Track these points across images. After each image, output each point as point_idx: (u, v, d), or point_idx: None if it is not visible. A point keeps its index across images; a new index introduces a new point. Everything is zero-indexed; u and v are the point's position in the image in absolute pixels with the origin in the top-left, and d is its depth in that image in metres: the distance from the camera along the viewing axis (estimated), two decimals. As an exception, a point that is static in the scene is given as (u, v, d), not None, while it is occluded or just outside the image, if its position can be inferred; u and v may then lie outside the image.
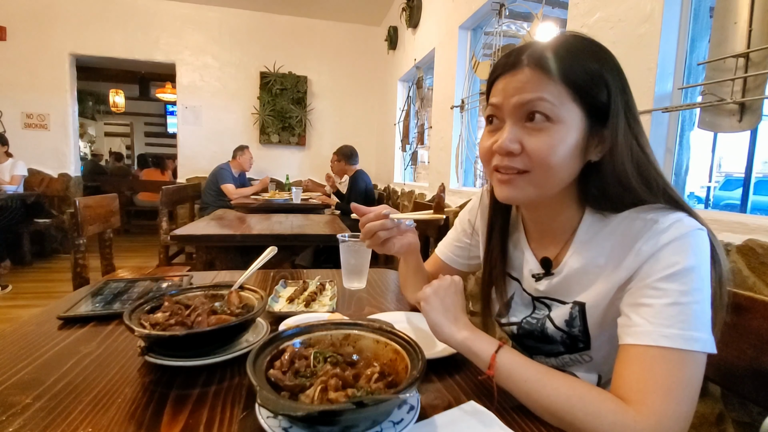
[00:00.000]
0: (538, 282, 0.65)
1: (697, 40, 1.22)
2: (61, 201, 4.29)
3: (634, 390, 0.46)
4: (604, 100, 0.53)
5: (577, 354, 0.63)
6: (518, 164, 0.55)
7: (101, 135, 9.18)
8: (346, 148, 3.82)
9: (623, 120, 0.54)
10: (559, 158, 0.53)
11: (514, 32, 2.23)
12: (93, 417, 0.47)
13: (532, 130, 0.54)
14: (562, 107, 0.52)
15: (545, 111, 0.52)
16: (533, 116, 0.53)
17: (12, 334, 0.69)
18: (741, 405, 0.94)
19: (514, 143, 0.54)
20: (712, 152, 1.98)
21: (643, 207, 0.54)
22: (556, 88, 0.52)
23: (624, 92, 0.55)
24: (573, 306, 0.61)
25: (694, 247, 0.49)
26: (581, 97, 0.52)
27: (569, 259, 0.61)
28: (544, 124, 0.53)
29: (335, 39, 4.86)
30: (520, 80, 0.54)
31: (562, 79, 0.52)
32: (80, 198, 1.77)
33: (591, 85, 0.52)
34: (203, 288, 0.75)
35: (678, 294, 0.48)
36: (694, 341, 0.46)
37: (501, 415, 0.49)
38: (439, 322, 0.57)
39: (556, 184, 0.56)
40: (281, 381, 0.45)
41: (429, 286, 0.61)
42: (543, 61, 0.53)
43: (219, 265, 1.96)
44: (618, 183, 0.54)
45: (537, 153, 0.53)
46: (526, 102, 0.53)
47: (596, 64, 0.53)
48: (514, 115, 0.55)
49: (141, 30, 4.36)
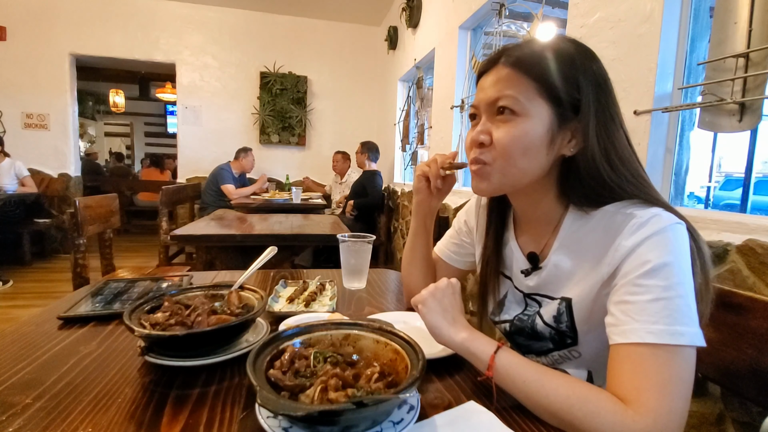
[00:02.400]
0: (528, 277, 0.67)
1: (697, 40, 1.22)
2: (61, 201, 4.29)
3: (628, 389, 0.47)
4: (573, 98, 0.55)
5: (565, 350, 0.64)
6: (485, 157, 0.59)
7: (101, 135, 9.18)
8: (371, 143, 3.89)
9: (594, 118, 0.55)
10: (521, 148, 0.56)
11: (514, 32, 2.23)
12: (93, 417, 0.47)
13: (500, 123, 0.57)
14: (529, 102, 0.55)
15: (510, 105, 0.56)
16: (502, 110, 0.57)
17: (12, 334, 0.69)
18: (741, 405, 0.94)
19: (483, 134, 0.58)
20: (712, 152, 1.98)
21: (623, 202, 0.56)
22: (524, 84, 0.55)
23: (599, 91, 0.56)
24: (560, 301, 0.62)
25: (672, 242, 0.50)
26: (548, 93, 0.55)
27: (553, 254, 0.62)
28: (510, 117, 0.56)
29: (335, 39, 4.86)
30: (494, 78, 0.58)
31: (530, 75, 0.55)
32: (80, 198, 1.77)
33: (559, 83, 0.55)
34: (203, 288, 0.75)
35: (660, 289, 0.48)
36: (680, 335, 0.46)
37: (501, 415, 0.49)
38: (438, 324, 0.57)
39: (522, 174, 0.58)
40: (281, 381, 0.45)
41: (426, 289, 0.61)
42: (514, 60, 0.56)
43: (219, 265, 1.96)
44: (591, 178, 0.56)
45: (500, 143, 0.57)
46: (494, 98, 0.57)
47: (568, 63, 0.55)
48: (487, 111, 0.59)
49: (141, 30, 4.36)
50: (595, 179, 0.56)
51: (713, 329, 0.69)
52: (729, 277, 0.98)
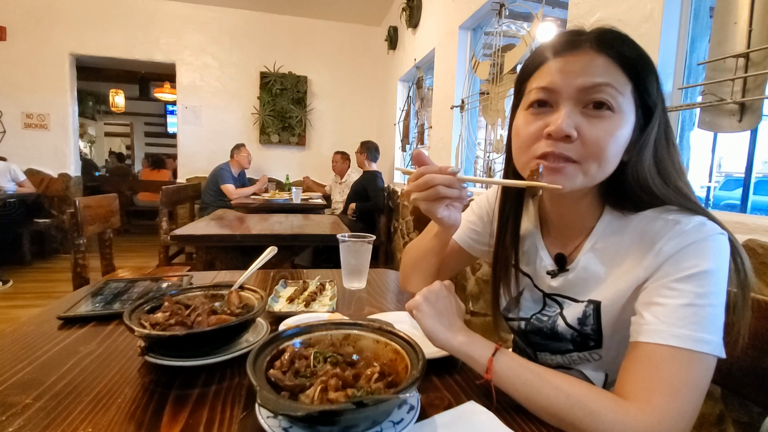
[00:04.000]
0: (553, 278, 0.65)
1: (697, 40, 1.22)
2: (61, 201, 4.29)
3: (639, 387, 0.47)
4: (653, 99, 0.53)
5: (586, 352, 0.63)
6: (571, 152, 0.52)
7: (101, 135, 9.18)
8: (371, 143, 3.86)
9: (659, 124, 0.54)
10: (614, 151, 0.52)
11: (514, 32, 2.23)
12: (93, 417, 0.47)
13: (593, 118, 0.51)
14: (624, 98, 0.51)
15: (611, 100, 0.50)
16: (598, 103, 0.51)
17: (12, 334, 0.69)
18: (741, 405, 0.94)
19: (572, 128, 0.51)
20: (712, 152, 1.98)
21: (663, 208, 0.54)
22: (622, 80, 0.51)
23: (663, 104, 0.55)
24: (588, 304, 0.60)
25: (714, 251, 0.49)
26: (638, 91, 0.52)
27: (584, 256, 0.61)
28: (606, 112, 0.51)
29: (335, 39, 4.86)
30: (584, 62, 0.51)
31: (627, 72, 0.51)
32: (80, 198, 1.77)
33: (647, 81, 0.52)
34: (203, 288, 0.75)
35: (694, 296, 0.48)
36: (705, 343, 0.46)
37: (501, 415, 0.49)
38: (434, 328, 0.56)
39: (601, 178, 0.54)
40: (281, 381, 0.45)
41: (419, 293, 0.59)
42: (613, 50, 0.51)
43: (219, 265, 1.96)
44: (639, 186, 0.54)
45: (595, 142, 0.51)
46: (594, 86, 0.50)
47: (653, 70, 0.52)
48: (573, 99, 0.52)
49: (141, 30, 4.36)
50: (642, 188, 0.54)
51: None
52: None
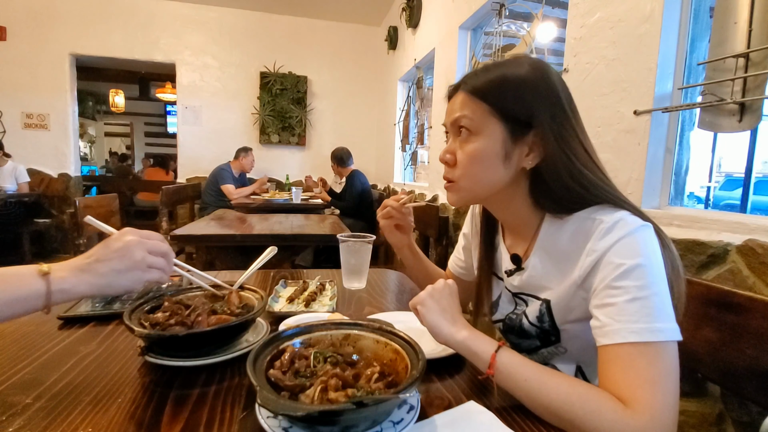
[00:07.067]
0: (511, 277, 0.70)
1: (697, 40, 1.22)
2: (61, 201, 4.29)
3: (621, 388, 0.48)
4: (524, 115, 0.59)
5: (552, 347, 0.68)
6: (451, 175, 0.65)
7: (101, 135, 9.18)
8: (338, 150, 3.85)
9: (550, 132, 0.59)
10: (478, 164, 0.62)
11: (514, 32, 2.23)
12: (93, 417, 0.47)
13: (462, 142, 0.63)
14: (482, 122, 0.61)
15: (466, 125, 0.62)
16: (463, 129, 0.63)
17: (12, 334, 0.69)
18: (741, 405, 0.94)
19: (448, 154, 0.65)
20: (712, 152, 1.99)
21: (592, 207, 0.59)
22: (478, 106, 0.61)
23: (553, 106, 0.59)
24: (542, 303, 0.65)
25: (641, 243, 0.53)
26: (499, 113, 0.60)
27: (532, 257, 0.66)
28: (468, 135, 0.62)
29: (335, 39, 4.86)
30: (454, 102, 0.65)
31: (482, 99, 0.61)
32: (80, 198, 1.77)
33: (508, 103, 0.60)
34: (203, 288, 0.75)
35: (636, 289, 0.50)
36: (660, 332, 0.49)
37: (501, 415, 0.49)
38: (438, 323, 0.58)
39: (483, 186, 0.64)
40: (281, 381, 0.45)
41: (423, 291, 0.62)
42: (468, 85, 0.63)
43: (219, 265, 1.96)
44: (558, 187, 0.60)
45: (460, 161, 0.63)
46: (455, 119, 0.63)
47: (516, 84, 0.60)
48: (452, 131, 0.66)
49: (141, 30, 4.36)
50: (560, 188, 0.59)
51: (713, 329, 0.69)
52: (729, 277, 0.98)
